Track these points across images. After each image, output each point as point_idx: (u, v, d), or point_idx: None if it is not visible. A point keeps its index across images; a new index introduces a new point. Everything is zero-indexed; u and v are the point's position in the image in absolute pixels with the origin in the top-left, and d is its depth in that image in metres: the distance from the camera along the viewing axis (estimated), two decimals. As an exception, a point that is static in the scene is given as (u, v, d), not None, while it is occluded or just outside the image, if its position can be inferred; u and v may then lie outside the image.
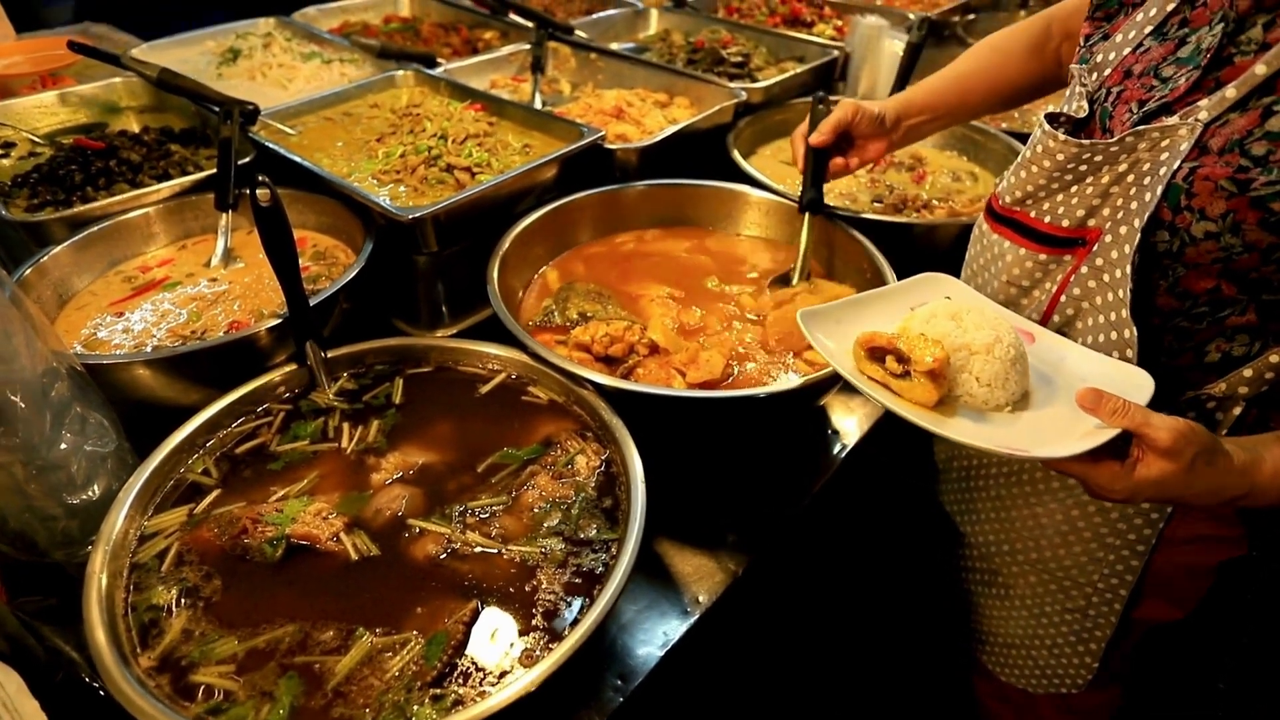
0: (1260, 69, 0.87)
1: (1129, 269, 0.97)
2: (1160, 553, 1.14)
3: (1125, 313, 0.98)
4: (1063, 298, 1.08)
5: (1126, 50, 1.04)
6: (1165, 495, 0.87)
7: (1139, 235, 0.95)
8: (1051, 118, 1.07)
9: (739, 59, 2.21)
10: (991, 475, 1.30)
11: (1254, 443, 0.90)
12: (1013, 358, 0.96)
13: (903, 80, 1.96)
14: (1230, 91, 0.89)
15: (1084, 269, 1.04)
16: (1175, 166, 0.92)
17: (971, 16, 2.60)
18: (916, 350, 0.93)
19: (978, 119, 1.41)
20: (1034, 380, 1.00)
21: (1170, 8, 1.01)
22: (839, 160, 1.42)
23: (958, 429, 0.92)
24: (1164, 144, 0.94)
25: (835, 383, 1.21)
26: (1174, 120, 0.93)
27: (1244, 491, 0.88)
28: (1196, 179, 0.90)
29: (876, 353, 0.97)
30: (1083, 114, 1.07)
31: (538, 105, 1.96)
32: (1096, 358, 1.01)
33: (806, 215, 1.40)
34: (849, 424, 1.38)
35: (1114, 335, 1.01)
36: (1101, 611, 1.22)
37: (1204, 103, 0.91)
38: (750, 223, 1.60)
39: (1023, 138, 1.84)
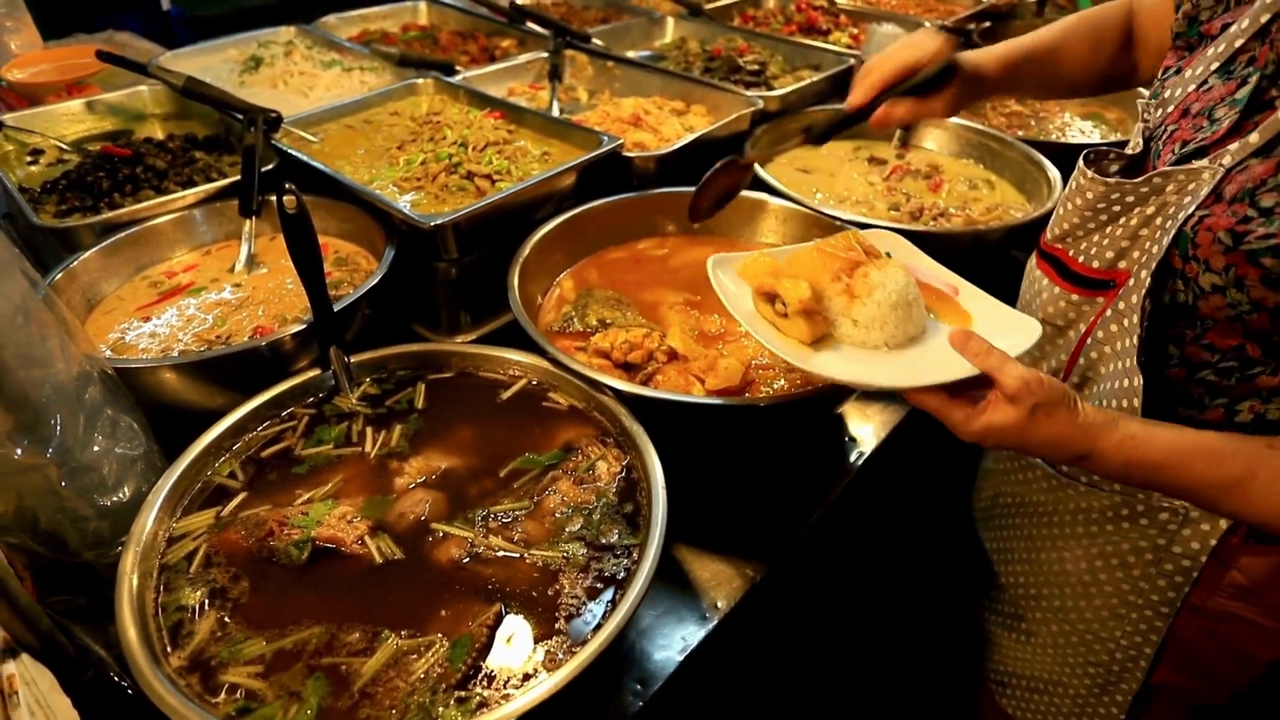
0: None
1: (1138, 316, 0.95)
2: (1186, 620, 1.10)
3: (1133, 361, 0.96)
4: (1089, 340, 1.06)
5: (1191, 87, 1.00)
6: (1007, 441, 0.89)
7: (1149, 282, 0.93)
8: (1095, 155, 1.05)
9: (755, 67, 2.22)
10: (1027, 513, 1.28)
11: (1119, 414, 0.90)
12: (894, 302, 1.01)
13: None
14: (1254, 136, 0.86)
15: (1109, 313, 1.02)
16: (1190, 212, 0.89)
17: (987, 24, 2.60)
18: (787, 292, 1.00)
19: (1054, 97, 1.32)
20: (935, 331, 1.05)
21: (1239, 44, 0.96)
22: (882, 112, 1.24)
23: (817, 364, 0.99)
24: (1190, 187, 0.91)
25: (852, 391, 1.21)
26: (1202, 163, 0.90)
27: (1084, 450, 0.88)
28: (1201, 228, 0.88)
29: (767, 296, 1.03)
30: (1136, 150, 1.04)
31: (555, 113, 1.97)
32: (1001, 308, 1.06)
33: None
34: (865, 431, 1.39)
35: (1125, 383, 0.99)
36: (1126, 668, 1.18)
37: (1232, 147, 0.88)
38: (767, 230, 1.61)
39: (1040, 146, 1.84)
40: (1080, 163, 1.04)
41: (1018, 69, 1.27)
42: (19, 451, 0.89)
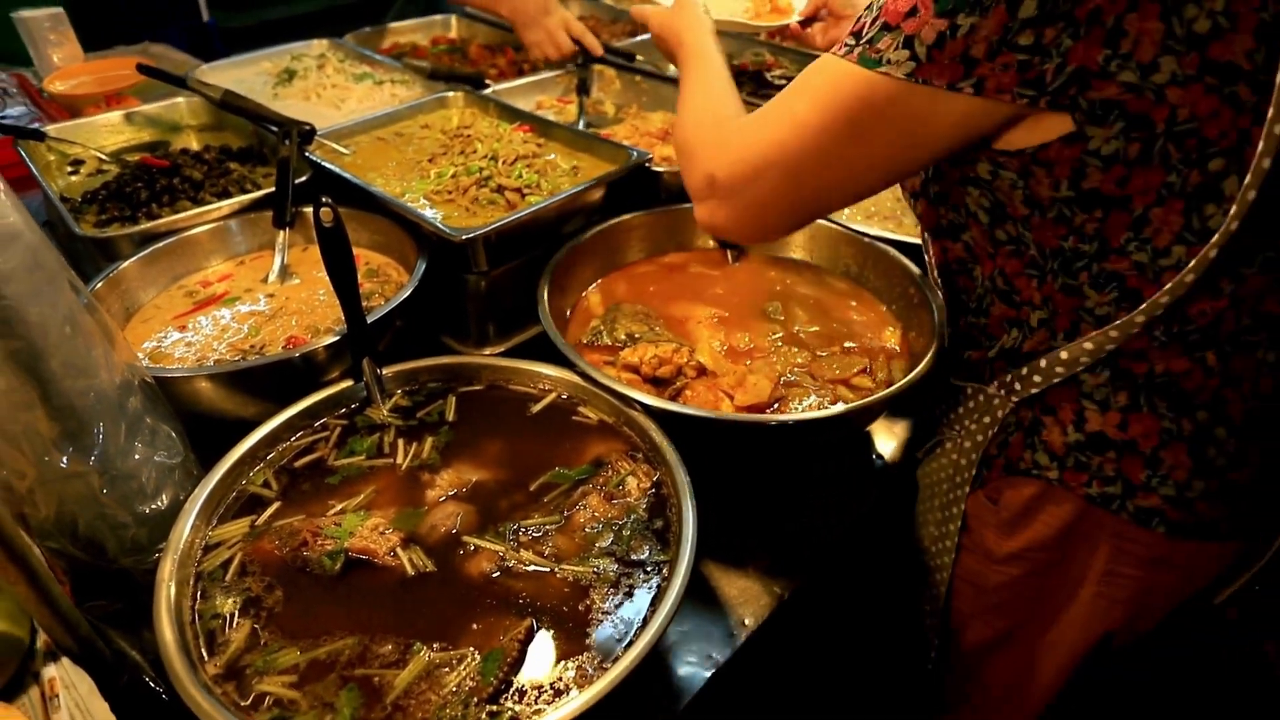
0: None
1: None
2: (963, 562, 1.15)
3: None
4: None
5: None
6: (663, 21, 1.39)
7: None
8: None
9: (783, 81, 2.22)
10: None
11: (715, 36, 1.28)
12: None
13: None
14: None
15: None
16: None
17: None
18: None
19: None
20: None
21: None
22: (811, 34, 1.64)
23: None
24: None
25: (881, 409, 1.21)
26: None
27: (678, 38, 1.31)
28: None
29: None
30: None
31: (583, 127, 1.99)
32: None
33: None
34: (890, 448, 1.38)
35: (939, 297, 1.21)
36: (934, 594, 1.22)
37: None
38: (795, 245, 1.61)
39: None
40: None
41: None
42: (64, 459, 0.91)
